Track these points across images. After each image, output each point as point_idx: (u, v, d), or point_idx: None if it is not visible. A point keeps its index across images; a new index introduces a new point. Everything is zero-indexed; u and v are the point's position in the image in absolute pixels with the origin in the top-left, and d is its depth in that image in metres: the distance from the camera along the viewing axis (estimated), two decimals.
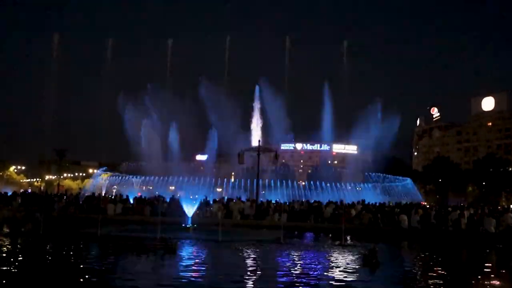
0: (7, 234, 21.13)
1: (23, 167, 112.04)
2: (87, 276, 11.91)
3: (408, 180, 57.52)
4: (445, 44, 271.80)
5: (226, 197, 36.94)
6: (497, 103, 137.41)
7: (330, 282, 12.11)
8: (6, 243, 18.63)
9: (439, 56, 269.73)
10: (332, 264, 15.52)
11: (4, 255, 15.73)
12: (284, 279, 12.40)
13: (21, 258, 14.94)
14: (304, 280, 12.24)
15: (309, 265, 15.19)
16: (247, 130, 55.26)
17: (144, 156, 50.54)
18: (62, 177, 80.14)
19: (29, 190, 54.35)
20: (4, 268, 12.53)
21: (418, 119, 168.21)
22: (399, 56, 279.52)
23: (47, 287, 10.85)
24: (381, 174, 52.27)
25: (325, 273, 13.40)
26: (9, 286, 10.69)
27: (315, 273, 13.51)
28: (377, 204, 34.31)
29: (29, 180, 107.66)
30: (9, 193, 36.23)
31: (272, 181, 46.35)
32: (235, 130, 55.51)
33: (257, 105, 54.98)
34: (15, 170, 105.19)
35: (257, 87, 56.38)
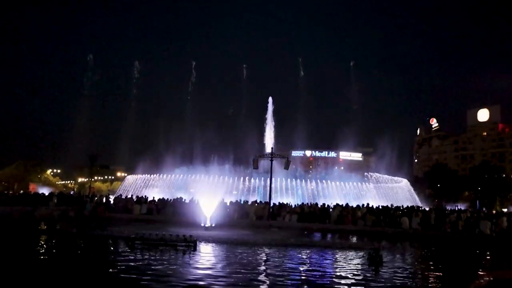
0: (44, 231, 21.35)
1: (59, 170, 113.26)
2: (114, 271, 11.98)
3: (404, 182, 54.65)
4: (444, 59, 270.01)
5: (242, 199, 36.83)
6: (491, 114, 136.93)
7: (339, 279, 12.03)
8: (43, 239, 18.83)
9: (438, 70, 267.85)
10: (340, 263, 15.42)
11: (42, 251, 15.91)
12: (293, 276, 12.34)
13: (57, 254, 15.09)
14: (313, 278, 12.17)
15: (319, 264, 15.10)
16: (261, 137, 55.14)
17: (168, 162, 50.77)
18: (93, 179, 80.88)
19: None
20: (43, 262, 12.67)
21: (418, 129, 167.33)
22: (400, 71, 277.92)
23: (79, 282, 10.92)
24: (379, 174, 51.67)
25: (334, 271, 13.32)
26: (48, 280, 10.79)
27: (324, 271, 13.43)
28: (380, 207, 34.03)
29: (63, 182, 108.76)
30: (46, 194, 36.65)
31: (283, 185, 46.11)
32: (250, 138, 55.46)
33: (270, 115, 54.79)
34: (52, 173, 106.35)
35: (270, 99, 56.19)
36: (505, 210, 65.80)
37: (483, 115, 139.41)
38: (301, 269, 13.68)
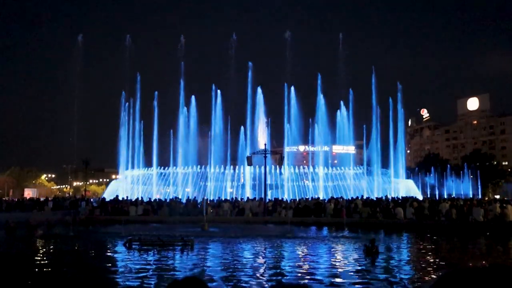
0: (42, 236, 21.23)
1: (53, 175, 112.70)
2: (116, 270, 11.96)
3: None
4: (432, 49, 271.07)
5: (239, 197, 36.80)
6: (481, 103, 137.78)
7: (337, 270, 12.07)
8: (41, 243, 18.74)
9: (426, 60, 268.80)
10: (337, 254, 15.48)
11: (40, 254, 15.82)
12: (293, 268, 12.38)
13: (56, 257, 15.00)
14: (311, 270, 12.21)
15: (316, 256, 15.14)
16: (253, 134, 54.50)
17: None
18: (88, 183, 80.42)
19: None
20: (43, 266, 12.61)
21: (410, 119, 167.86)
22: (389, 63, 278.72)
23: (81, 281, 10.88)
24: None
25: (331, 263, 13.37)
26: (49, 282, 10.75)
27: (322, 262, 13.47)
28: (375, 199, 34.16)
29: (58, 186, 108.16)
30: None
31: (278, 181, 46.15)
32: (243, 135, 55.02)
33: (261, 109, 53.92)
34: (46, 178, 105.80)
35: (259, 89, 54.56)
36: (497, 196, 66.36)
37: (472, 103, 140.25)
38: (299, 262, 13.72)
